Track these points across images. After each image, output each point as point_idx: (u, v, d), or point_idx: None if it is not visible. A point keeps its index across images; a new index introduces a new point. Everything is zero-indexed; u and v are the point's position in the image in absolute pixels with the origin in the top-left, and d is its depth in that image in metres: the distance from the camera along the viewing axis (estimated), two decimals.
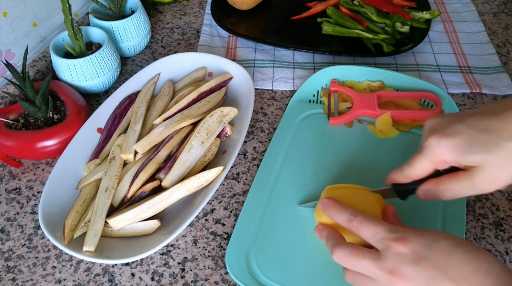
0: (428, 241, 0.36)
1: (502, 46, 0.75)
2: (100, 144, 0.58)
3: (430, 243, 0.36)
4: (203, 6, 0.85)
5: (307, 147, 0.59)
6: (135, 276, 0.49)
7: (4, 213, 0.55)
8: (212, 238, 0.52)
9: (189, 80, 0.67)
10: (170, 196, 0.52)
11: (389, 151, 0.58)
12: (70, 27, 0.62)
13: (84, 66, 0.63)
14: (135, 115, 0.60)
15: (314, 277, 0.47)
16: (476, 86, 0.67)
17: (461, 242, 0.36)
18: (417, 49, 0.74)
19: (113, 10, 0.72)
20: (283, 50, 0.75)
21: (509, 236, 0.51)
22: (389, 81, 0.65)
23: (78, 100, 0.62)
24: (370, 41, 0.72)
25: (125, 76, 0.72)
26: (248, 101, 0.61)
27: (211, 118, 0.57)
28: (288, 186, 0.55)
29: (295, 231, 0.51)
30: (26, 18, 0.67)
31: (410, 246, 0.36)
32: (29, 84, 0.56)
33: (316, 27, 0.76)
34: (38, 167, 0.59)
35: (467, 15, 0.81)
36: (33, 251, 0.51)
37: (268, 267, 0.48)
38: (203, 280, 0.49)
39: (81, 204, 0.53)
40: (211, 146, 0.57)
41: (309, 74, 0.70)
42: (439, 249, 0.35)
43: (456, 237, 0.37)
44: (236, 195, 0.56)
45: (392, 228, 0.38)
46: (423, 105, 0.63)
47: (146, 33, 0.74)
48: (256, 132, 0.63)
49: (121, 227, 0.51)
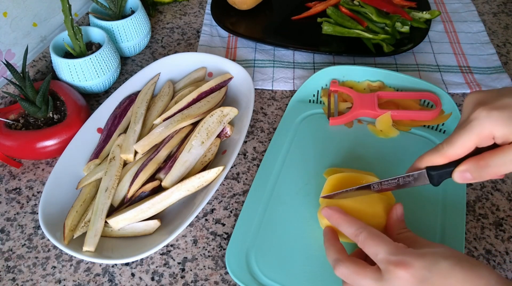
0: (428, 264, 0.36)
1: (502, 46, 0.75)
2: (100, 144, 0.58)
3: (430, 266, 0.36)
4: (203, 6, 0.85)
5: (307, 147, 0.59)
6: (135, 276, 0.49)
7: (4, 213, 0.55)
8: (212, 238, 0.52)
9: (189, 80, 0.67)
10: (170, 196, 0.52)
11: (389, 151, 0.58)
12: (70, 27, 0.62)
13: (84, 66, 0.63)
14: (135, 115, 0.60)
15: (314, 277, 0.47)
16: (476, 86, 0.67)
17: (460, 260, 0.37)
18: (417, 49, 0.74)
19: (113, 10, 0.72)
20: (283, 50, 0.75)
21: (509, 236, 0.51)
22: (389, 81, 0.65)
23: (78, 100, 0.62)
24: (370, 41, 0.72)
25: (125, 76, 0.72)
26: (248, 101, 0.61)
27: (211, 118, 0.57)
28: (288, 186, 0.55)
29: (295, 231, 0.51)
30: (26, 18, 0.67)
31: (410, 271, 0.36)
32: (29, 84, 0.56)
33: (316, 27, 0.76)
34: (38, 167, 0.59)
35: (467, 15, 0.81)
36: (33, 251, 0.51)
37: (268, 267, 0.48)
38: (203, 280, 0.49)
39: (81, 204, 0.53)
40: (211, 146, 0.57)
41: (309, 74, 0.70)
42: (439, 271, 0.36)
43: (455, 255, 0.37)
44: (236, 195, 0.56)
45: (393, 250, 0.38)
46: (423, 105, 0.63)
47: (146, 33, 0.74)
48: (256, 132, 0.63)
49: (121, 227, 0.51)
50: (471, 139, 0.38)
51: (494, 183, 0.56)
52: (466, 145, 0.38)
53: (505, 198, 0.54)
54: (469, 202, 0.54)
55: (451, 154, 0.40)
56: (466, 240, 0.50)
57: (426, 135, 0.60)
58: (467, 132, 0.38)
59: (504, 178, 0.56)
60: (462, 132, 0.38)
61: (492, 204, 0.54)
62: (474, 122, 0.38)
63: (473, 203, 0.54)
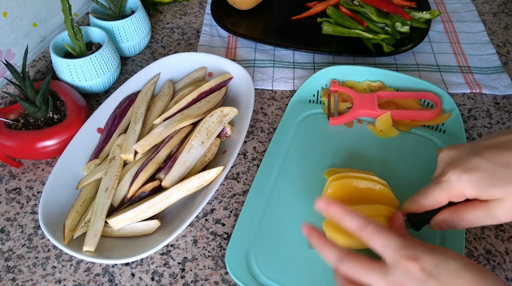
0: (438, 261, 0.37)
1: (502, 46, 0.75)
2: (100, 144, 0.58)
3: (440, 263, 0.36)
4: (203, 6, 0.85)
5: (307, 147, 0.59)
6: (135, 276, 0.49)
7: (4, 213, 0.55)
8: (212, 238, 0.52)
9: (189, 80, 0.67)
10: (170, 196, 0.52)
11: (389, 151, 0.58)
12: (70, 27, 0.62)
13: (84, 66, 0.63)
14: (135, 115, 0.60)
15: (314, 277, 0.47)
16: (476, 86, 0.67)
17: (468, 263, 0.37)
18: (417, 49, 0.74)
19: (113, 10, 0.72)
20: (283, 50, 0.75)
21: (509, 236, 0.51)
22: (389, 81, 0.65)
23: (78, 100, 0.62)
24: (370, 41, 0.72)
25: (125, 76, 0.72)
26: (248, 101, 0.61)
27: (211, 118, 0.57)
28: (288, 186, 0.55)
29: (295, 231, 0.51)
30: (26, 18, 0.67)
31: (420, 265, 0.36)
32: (29, 84, 0.56)
33: (316, 27, 0.76)
34: (38, 167, 0.59)
35: (467, 15, 0.81)
36: (33, 251, 0.51)
37: (268, 267, 0.48)
38: (203, 280, 0.49)
39: (81, 204, 0.53)
40: (211, 146, 0.57)
41: (309, 74, 0.70)
42: (448, 270, 0.36)
43: (464, 258, 0.37)
44: (236, 195, 0.56)
45: (403, 244, 0.38)
46: (423, 105, 0.63)
47: (146, 33, 0.74)
48: (256, 132, 0.63)
49: (121, 227, 0.51)
50: (443, 196, 0.41)
51: None
52: (438, 201, 0.42)
53: None
54: None
55: (426, 205, 0.43)
56: (466, 240, 0.50)
57: (426, 135, 0.60)
58: (439, 189, 0.41)
59: None
60: (435, 188, 0.42)
61: None
62: (445, 184, 0.41)
63: None
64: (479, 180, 0.39)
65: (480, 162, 0.39)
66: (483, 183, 0.39)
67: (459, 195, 0.40)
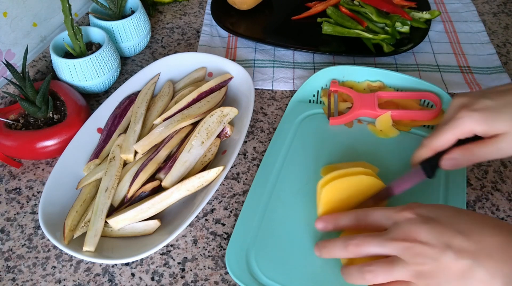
0: (432, 208, 0.41)
1: (502, 46, 0.75)
2: (100, 144, 0.58)
3: (435, 209, 0.41)
4: (203, 6, 0.85)
5: (307, 147, 0.59)
6: (135, 276, 0.49)
7: (4, 213, 0.55)
8: (212, 238, 0.52)
9: (189, 80, 0.67)
10: (170, 196, 0.52)
11: (389, 151, 0.58)
12: (70, 27, 0.62)
13: (84, 66, 0.63)
14: (135, 115, 0.60)
15: (314, 277, 0.47)
16: (476, 86, 0.67)
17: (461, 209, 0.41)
18: (417, 49, 0.74)
19: (113, 10, 0.72)
20: (283, 50, 0.75)
21: None
22: (389, 81, 0.65)
23: (78, 100, 0.62)
24: (370, 41, 0.72)
25: (125, 76, 0.72)
26: (248, 101, 0.61)
27: (211, 118, 0.57)
28: (288, 186, 0.55)
29: (295, 231, 0.51)
30: (26, 18, 0.67)
31: (416, 211, 0.41)
32: (29, 84, 0.56)
33: (316, 27, 0.76)
34: (38, 167, 0.59)
35: (467, 15, 0.81)
36: (33, 251, 0.51)
37: (268, 267, 0.48)
38: (203, 280, 0.49)
39: (81, 204, 0.53)
40: (211, 146, 0.57)
41: (309, 74, 0.70)
42: (444, 212, 0.40)
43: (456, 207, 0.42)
44: (236, 195, 0.56)
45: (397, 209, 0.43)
46: (423, 105, 0.63)
47: (146, 33, 0.74)
48: (256, 132, 0.63)
49: (121, 227, 0.51)
50: (454, 133, 0.46)
51: (494, 183, 0.56)
52: (450, 138, 0.46)
53: (505, 198, 0.54)
54: (469, 202, 0.54)
55: (437, 146, 0.47)
56: None
57: (426, 135, 0.59)
58: (451, 127, 0.45)
59: (504, 178, 0.56)
60: (446, 127, 0.46)
61: (492, 204, 0.54)
62: (458, 120, 0.45)
63: (473, 203, 0.54)
64: (487, 117, 0.44)
65: (488, 103, 0.44)
66: (491, 119, 0.43)
67: (469, 131, 0.45)
